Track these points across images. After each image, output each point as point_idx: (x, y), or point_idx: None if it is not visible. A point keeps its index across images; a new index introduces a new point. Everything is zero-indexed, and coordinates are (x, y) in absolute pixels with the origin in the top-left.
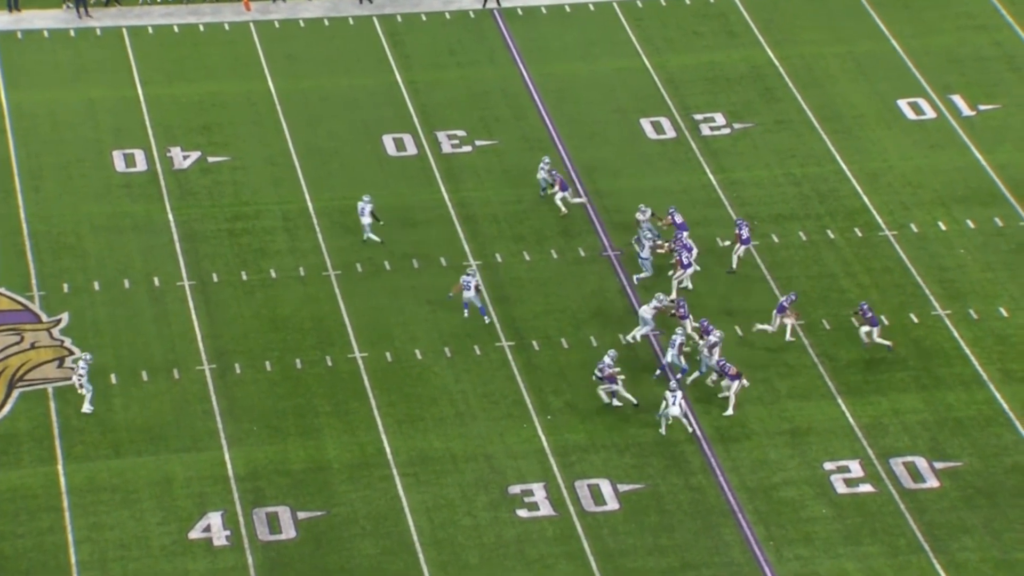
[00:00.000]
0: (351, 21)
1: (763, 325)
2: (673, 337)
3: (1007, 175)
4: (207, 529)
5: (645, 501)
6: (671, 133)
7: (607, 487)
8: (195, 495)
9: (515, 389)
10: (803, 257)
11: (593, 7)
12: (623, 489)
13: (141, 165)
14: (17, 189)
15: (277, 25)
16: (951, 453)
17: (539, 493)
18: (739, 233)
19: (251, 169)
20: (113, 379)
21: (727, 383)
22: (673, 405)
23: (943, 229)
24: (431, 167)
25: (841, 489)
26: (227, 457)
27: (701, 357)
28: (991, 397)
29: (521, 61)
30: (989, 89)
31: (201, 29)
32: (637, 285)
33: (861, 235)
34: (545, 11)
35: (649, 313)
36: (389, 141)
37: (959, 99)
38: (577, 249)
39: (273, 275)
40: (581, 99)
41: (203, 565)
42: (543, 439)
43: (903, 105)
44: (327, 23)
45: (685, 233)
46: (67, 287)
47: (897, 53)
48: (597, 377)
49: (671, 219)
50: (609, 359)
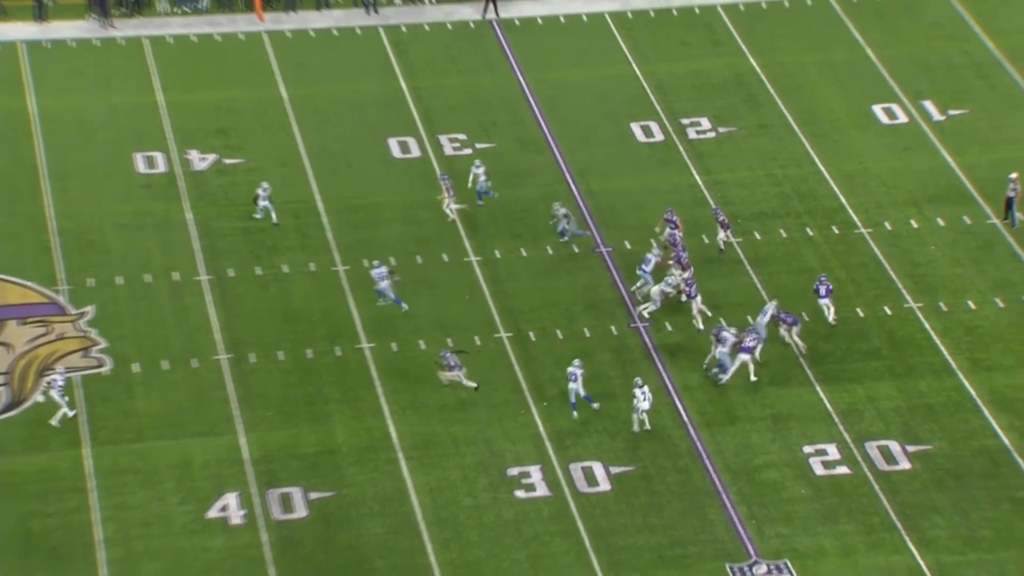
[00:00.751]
0: (358, 31)
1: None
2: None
3: (975, 176)
4: (224, 509)
5: (635, 483)
6: (659, 136)
7: (599, 469)
8: (213, 477)
9: (513, 377)
10: (784, 253)
11: (586, 18)
12: (615, 471)
13: (161, 167)
14: (45, 189)
15: (289, 35)
16: (922, 437)
17: (535, 475)
18: (719, 219)
19: (264, 170)
20: (135, 368)
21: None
22: (643, 400)
23: (915, 227)
24: (433, 168)
25: (819, 471)
26: (243, 441)
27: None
28: (959, 384)
29: (518, 69)
30: (958, 95)
31: (217, 39)
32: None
33: (838, 232)
34: (541, 22)
35: (659, 295)
36: (394, 144)
37: (930, 104)
38: (571, 246)
39: (285, 270)
40: (574, 104)
41: (220, 542)
42: (539, 424)
43: (877, 110)
44: (336, 33)
45: (678, 233)
46: (92, 281)
47: (872, 61)
48: (439, 363)
49: (668, 219)
50: (450, 354)
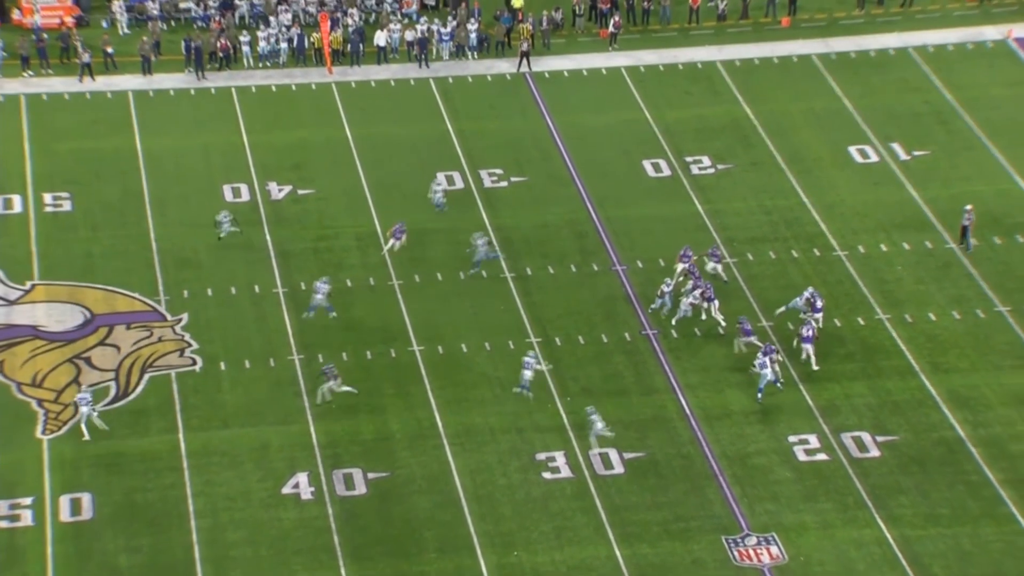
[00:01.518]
0: (412, 82)
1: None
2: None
3: (935, 207)
4: (296, 486)
5: (645, 466)
6: (667, 172)
7: (615, 455)
8: (287, 459)
9: (541, 376)
10: (772, 272)
11: (605, 71)
12: (628, 457)
13: (245, 196)
14: (148, 215)
15: (353, 85)
16: (890, 429)
17: (560, 460)
18: (713, 255)
19: (332, 199)
20: (222, 366)
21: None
22: (598, 423)
23: (884, 250)
24: (475, 198)
25: (802, 457)
26: (312, 429)
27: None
28: (922, 384)
29: (547, 114)
30: (921, 139)
31: (293, 88)
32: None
33: (819, 255)
34: (567, 75)
35: (687, 307)
36: (442, 177)
37: (897, 146)
38: (591, 264)
39: (348, 284)
40: (595, 144)
41: (293, 515)
42: (563, 416)
43: (853, 151)
44: (393, 83)
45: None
46: (186, 293)
47: (848, 109)
48: (324, 374)
49: (684, 257)
50: (329, 368)
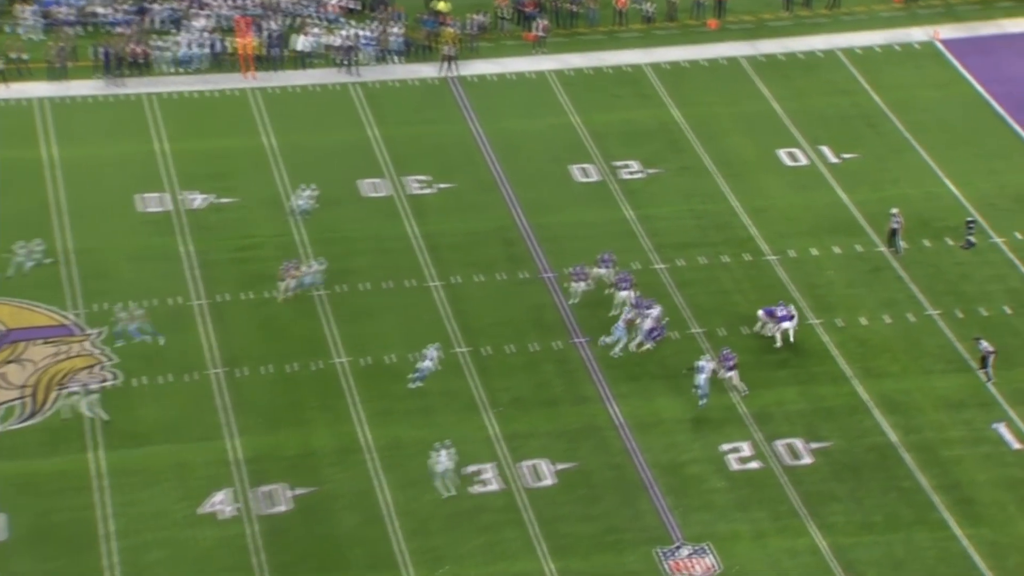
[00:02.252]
0: (334, 88)
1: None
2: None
3: (864, 210)
4: (217, 504)
5: (576, 478)
6: (596, 177)
7: (545, 466)
8: (207, 476)
9: (470, 387)
10: (703, 278)
11: (532, 75)
12: (558, 468)
13: (162, 206)
14: (63, 225)
15: (273, 91)
16: (823, 435)
17: (490, 472)
18: (604, 260)
19: (253, 208)
20: (140, 381)
21: (728, 375)
22: (442, 462)
23: (815, 254)
24: (401, 205)
25: (735, 466)
26: (233, 445)
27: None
28: (854, 390)
29: (474, 119)
30: (850, 142)
31: (211, 95)
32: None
33: (750, 259)
34: (493, 78)
35: (649, 331)
36: (365, 184)
37: (827, 149)
38: (520, 272)
39: (271, 295)
40: (522, 149)
41: (215, 533)
42: (493, 428)
43: (782, 154)
44: (315, 89)
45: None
46: (102, 306)
47: (777, 112)
48: (77, 391)
49: (603, 262)
50: (76, 386)
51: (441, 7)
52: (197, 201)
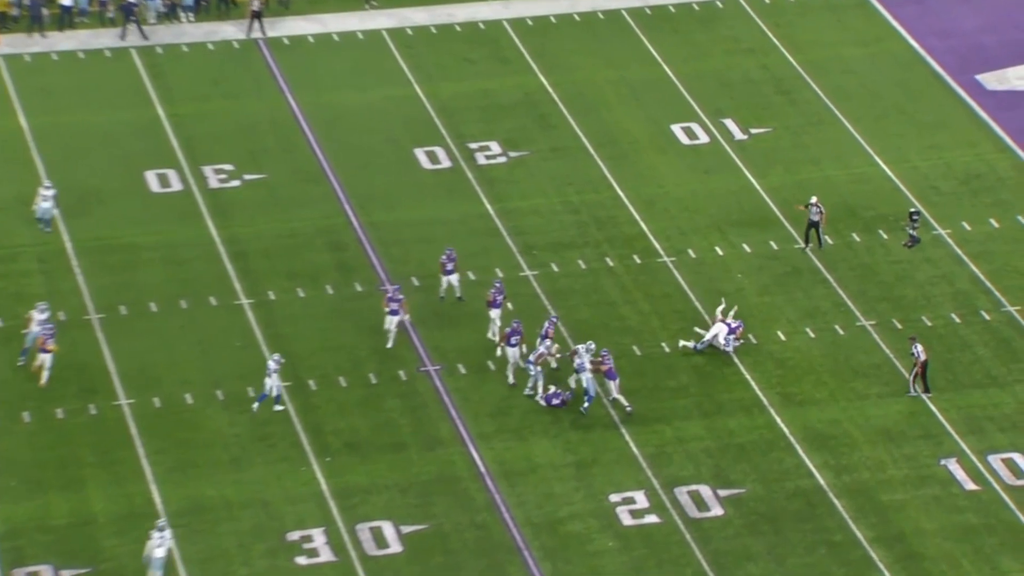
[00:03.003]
0: (107, 53)
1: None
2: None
3: (779, 198)
4: None
5: (429, 542)
6: (446, 163)
7: (389, 529)
8: None
9: (292, 431)
10: (583, 285)
11: (361, 35)
12: (406, 530)
13: None
14: None
15: (29, 59)
16: (734, 479)
17: (319, 538)
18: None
19: (3, 210)
20: None
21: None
22: (159, 548)
23: (720, 254)
24: (198, 203)
25: (627, 521)
26: None
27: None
28: (771, 421)
29: (289, 91)
30: (759, 112)
31: None
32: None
33: (640, 261)
34: (312, 40)
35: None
36: (152, 177)
37: (731, 123)
38: (353, 284)
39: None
40: (352, 129)
41: None
42: (322, 482)
43: (677, 130)
44: (82, 56)
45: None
46: None
47: (669, 78)
48: None
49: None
50: None
51: None
52: None
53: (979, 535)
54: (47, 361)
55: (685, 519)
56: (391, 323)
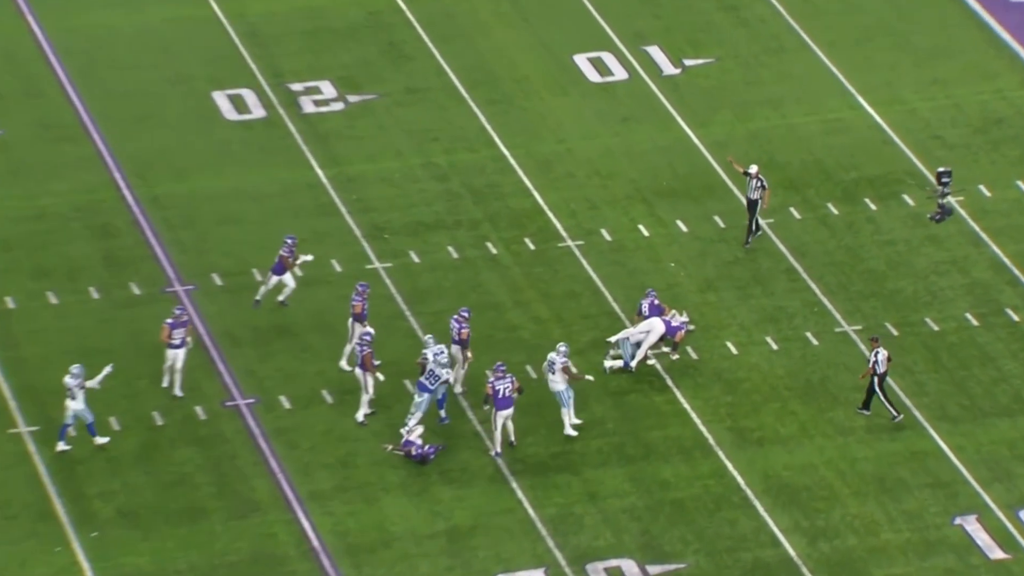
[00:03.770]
0: None
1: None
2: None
3: (724, 155)
4: None
5: None
6: (258, 111)
7: None
8: None
9: (42, 495)
10: (455, 282)
11: None
12: None
13: None
14: None
15: None
16: (670, 551)
17: None
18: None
19: None
20: None
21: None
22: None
23: (645, 235)
24: None
25: None
26: None
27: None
28: (720, 468)
29: (30, 12)
30: (696, 37)
31: None
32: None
33: (534, 248)
34: None
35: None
36: None
37: (657, 51)
38: (128, 285)
39: None
40: (123, 65)
41: None
42: (87, 568)
43: (582, 62)
44: None
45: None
46: None
47: None
48: None
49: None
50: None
51: None
52: None
53: None
54: None
55: None
56: (175, 359)
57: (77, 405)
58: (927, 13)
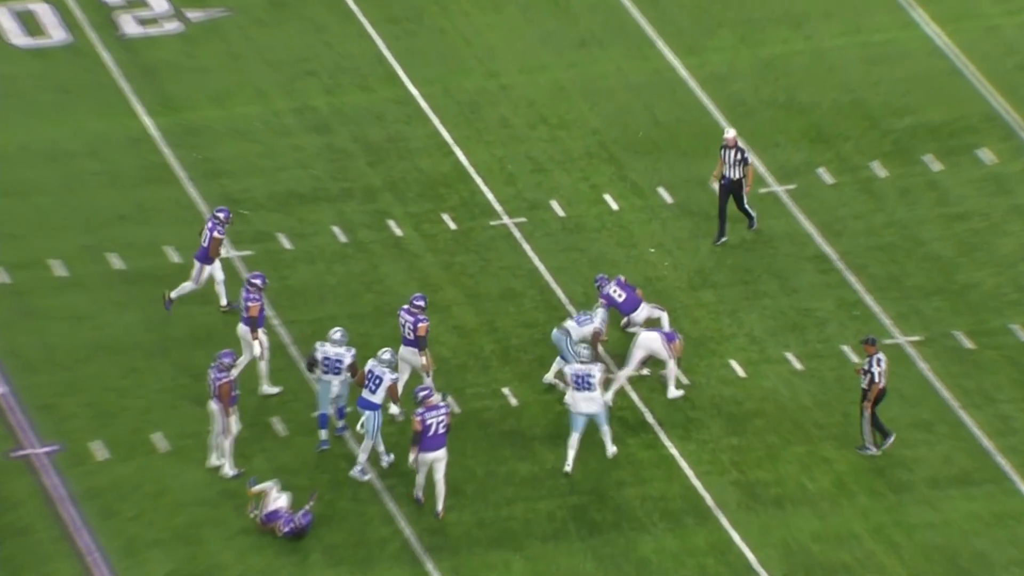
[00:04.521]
0: None
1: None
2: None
3: (726, 94)
4: None
5: None
6: (60, 34)
7: None
8: None
9: None
10: (344, 275)
11: None
12: None
13: None
14: None
15: None
16: None
17: None
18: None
19: None
20: None
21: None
22: None
23: (613, 208)
24: None
25: None
26: None
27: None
28: (723, 539)
29: None
30: None
31: None
32: None
33: (455, 227)
34: None
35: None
36: None
37: None
38: None
39: None
40: None
41: None
42: None
43: None
44: None
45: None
46: None
47: None
48: None
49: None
50: None
51: None
52: None
53: None
54: None
55: None
56: None
57: None
58: None
